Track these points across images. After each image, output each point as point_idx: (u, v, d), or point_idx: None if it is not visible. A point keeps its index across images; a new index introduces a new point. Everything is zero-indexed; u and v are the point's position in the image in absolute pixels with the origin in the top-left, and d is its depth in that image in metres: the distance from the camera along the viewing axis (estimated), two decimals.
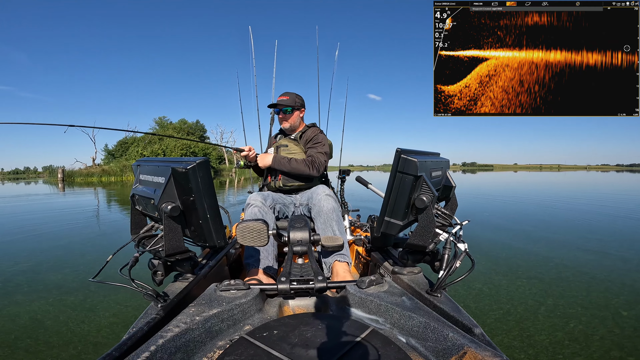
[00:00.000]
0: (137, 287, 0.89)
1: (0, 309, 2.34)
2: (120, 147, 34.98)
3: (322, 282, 0.96)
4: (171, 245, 0.93)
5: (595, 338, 1.89)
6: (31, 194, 13.23)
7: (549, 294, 2.50)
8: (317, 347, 0.70)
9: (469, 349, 0.69)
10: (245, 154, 2.06)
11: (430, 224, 1.00)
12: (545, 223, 5.55)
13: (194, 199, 0.92)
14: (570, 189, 13.54)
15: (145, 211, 1.07)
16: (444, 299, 0.97)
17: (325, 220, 1.66)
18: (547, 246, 3.94)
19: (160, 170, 0.97)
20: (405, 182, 0.99)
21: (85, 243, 4.39)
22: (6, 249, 4.13)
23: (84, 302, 2.43)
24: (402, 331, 0.83)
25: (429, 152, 1.21)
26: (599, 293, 2.51)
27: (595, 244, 4.04)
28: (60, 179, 26.51)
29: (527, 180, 22.35)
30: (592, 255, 3.54)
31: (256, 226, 1.12)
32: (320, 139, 2.08)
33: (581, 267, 3.12)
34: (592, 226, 5.25)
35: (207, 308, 0.85)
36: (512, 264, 3.25)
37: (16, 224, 5.88)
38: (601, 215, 6.29)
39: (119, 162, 30.74)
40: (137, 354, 0.65)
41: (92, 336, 1.96)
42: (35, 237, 4.76)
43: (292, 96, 2.13)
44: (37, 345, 1.87)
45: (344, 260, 1.60)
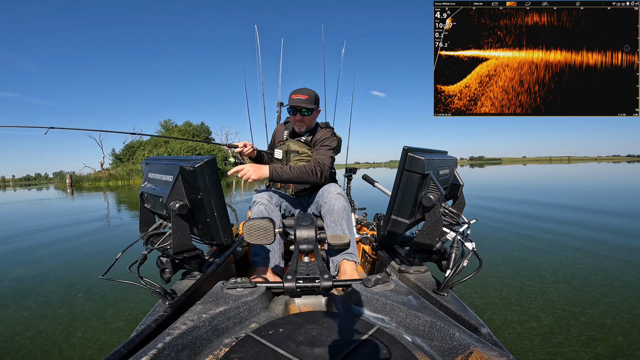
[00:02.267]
0: (145, 285, 0.90)
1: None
2: (127, 151, 34.83)
3: (328, 281, 0.96)
4: (179, 243, 0.94)
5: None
6: (42, 199, 13.50)
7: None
8: (323, 346, 0.70)
9: (475, 348, 0.68)
10: (239, 150, 1.90)
11: (438, 222, 0.99)
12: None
13: (201, 197, 0.93)
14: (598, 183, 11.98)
15: (154, 209, 1.08)
16: (451, 298, 0.96)
17: (335, 219, 1.65)
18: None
19: (169, 168, 0.98)
20: (412, 181, 0.98)
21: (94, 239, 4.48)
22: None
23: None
24: (408, 330, 0.83)
25: (436, 150, 1.20)
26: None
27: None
28: (69, 185, 26.92)
29: (539, 173, 21.61)
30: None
31: (263, 224, 1.12)
32: (329, 142, 1.91)
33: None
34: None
35: (214, 306, 0.86)
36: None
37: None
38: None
39: (126, 166, 30.80)
40: (145, 351, 0.66)
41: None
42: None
43: (311, 95, 1.89)
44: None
45: (352, 259, 1.59)
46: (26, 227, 6.16)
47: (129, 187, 21.06)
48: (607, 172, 20.11)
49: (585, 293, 2.45)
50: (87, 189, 20.85)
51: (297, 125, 1.94)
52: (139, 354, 0.65)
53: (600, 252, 3.44)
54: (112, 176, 28.61)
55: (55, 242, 4.65)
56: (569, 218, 5.37)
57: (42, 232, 5.50)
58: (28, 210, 9.68)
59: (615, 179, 14.28)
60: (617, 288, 2.53)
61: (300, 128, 1.95)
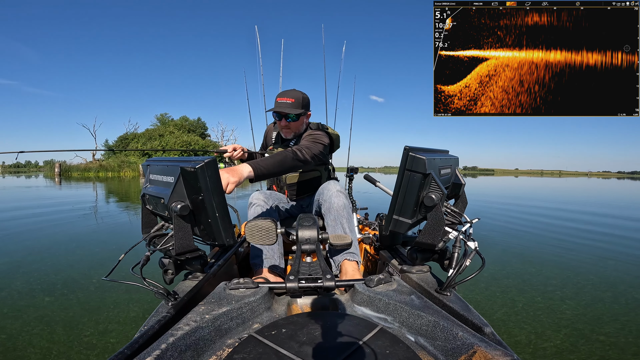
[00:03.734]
0: (148, 286, 0.90)
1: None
2: (120, 143, 34.88)
3: (331, 281, 0.96)
4: (181, 244, 0.95)
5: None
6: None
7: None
8: (325, 346, 0.70)
9: (478, 348, 0.68)
10: (228, 155, 1.76)
11: (440, 222, 0.99)
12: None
13: (202, 198, 0.93)
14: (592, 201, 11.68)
15: (156, 210, 1.09)
16: (454, 298, 0.96)
17: (335, 217, 1.62)
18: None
19: (170, 169, 0.98)
20: (413, 180, 0.98)
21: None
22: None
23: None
24: (411, 330, 0.83)
25: (437, 150, 1.20)
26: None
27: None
28: (57, 173, 26.43)
29: (530, 185, 21.65)
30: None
31: (265, 225, 1.12)
32: (315, 135, 1.71)
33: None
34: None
35: (216, 306, 0.86)
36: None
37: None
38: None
39: (117, 158, 30.37)
40: (148, 352, 0.66)
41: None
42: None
43: (297, 98, 1.71)
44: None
45: (354, 259, 1.59)
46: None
47: (119, 179, 21.14)
48: (602, 188, 19.93)
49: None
50: (76, 179, 20.99)
51: (284, 132, 1.79)
52: (143, 355, 0.65)
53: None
54: (103, 167, 28.24)
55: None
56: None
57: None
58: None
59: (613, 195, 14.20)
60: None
61: (287, 135, 1.80)
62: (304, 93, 1.77)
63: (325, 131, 1.82)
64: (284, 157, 1.49)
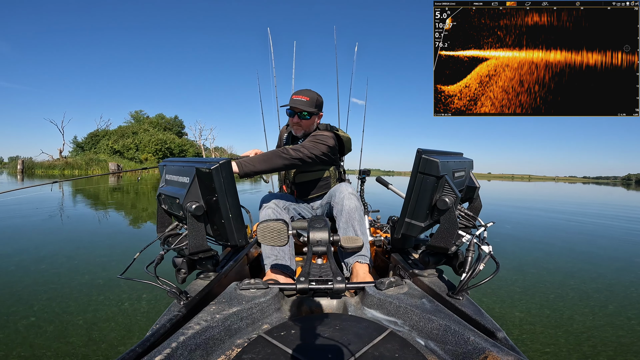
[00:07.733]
0: (161, 285, 0.92)
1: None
2: (90, 140, 33.22)
3: (341, 283, 0.96)
4: (195, 243, 0.96)
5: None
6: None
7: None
8: (334, 348, 0.70)
9: (490, 353, 0.67)
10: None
11: (453, 226, 0.97)
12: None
13: (217, 199, 0.95)
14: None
15: (171, 210, 1.11)
16: (466, 302, 0.94)
17: (347, 219, 1.61)
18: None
19: (185, 170, 1.00)
20: (426, 183, 0.97)
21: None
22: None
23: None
24: (421, 334, 0.82)
25: (451, 152, 1.18)
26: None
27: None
28: (20, 170, 24.82)
29: (503, 189, 20.87)
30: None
31: (277, 226, 1.13)
32: (319, 136, 1.72)
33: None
34: None
35: (227, 306, 0.87)
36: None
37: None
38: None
39: (86, 155, 28.57)
40: (159, 350, 0.67)
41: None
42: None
43: (312, 98, 1.77)
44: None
45: (365, 261, 1.58)
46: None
47: (85, 179, 20.35)
48: (572, 192, 19.32)
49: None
50: (40, 177, 19.93)
51: (295, 128, 1.82)
52: (154, 353, 0.66)
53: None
54: (69, 165, 26.42)
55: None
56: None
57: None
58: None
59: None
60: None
61: (297, 132, 1.84)
62: (318, 94, 1.82)
63: (334, 133, 1.83)
64: (272, 154, 1.55)
